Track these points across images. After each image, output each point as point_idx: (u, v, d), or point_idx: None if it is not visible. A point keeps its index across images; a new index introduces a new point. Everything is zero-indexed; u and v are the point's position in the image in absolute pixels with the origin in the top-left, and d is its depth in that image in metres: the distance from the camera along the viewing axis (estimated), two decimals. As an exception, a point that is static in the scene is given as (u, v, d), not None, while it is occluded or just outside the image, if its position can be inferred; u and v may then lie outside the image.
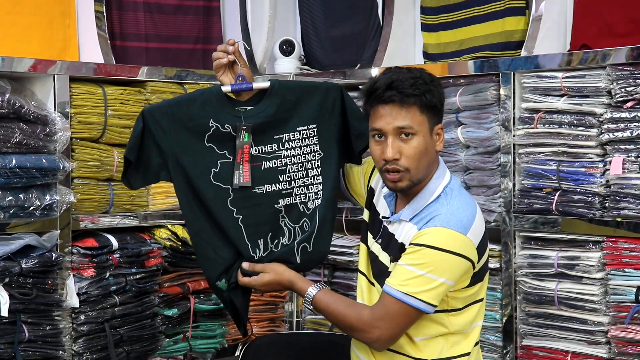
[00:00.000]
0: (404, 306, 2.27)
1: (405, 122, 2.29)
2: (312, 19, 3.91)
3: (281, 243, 2.52)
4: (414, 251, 2.28)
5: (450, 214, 2.30)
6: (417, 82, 2.30)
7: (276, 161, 2.50)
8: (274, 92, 2.50)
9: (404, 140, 2.30)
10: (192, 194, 2.48)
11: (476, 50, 3.30)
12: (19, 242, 2.79)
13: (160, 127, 2.45)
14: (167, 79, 3.23)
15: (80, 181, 3.01)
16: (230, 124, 2.47)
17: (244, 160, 2.46)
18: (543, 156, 2.93)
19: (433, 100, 2.32)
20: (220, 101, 2.47)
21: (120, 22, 3.46)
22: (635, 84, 2.70)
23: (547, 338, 2.93)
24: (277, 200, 2.51)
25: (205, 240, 2.50)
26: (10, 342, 2.75)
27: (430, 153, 2.36)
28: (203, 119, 2.46)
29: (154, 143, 2.46)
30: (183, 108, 2.47)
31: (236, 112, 2.48)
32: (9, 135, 2.78)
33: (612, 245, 2.77)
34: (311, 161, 2.53)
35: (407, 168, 2.31)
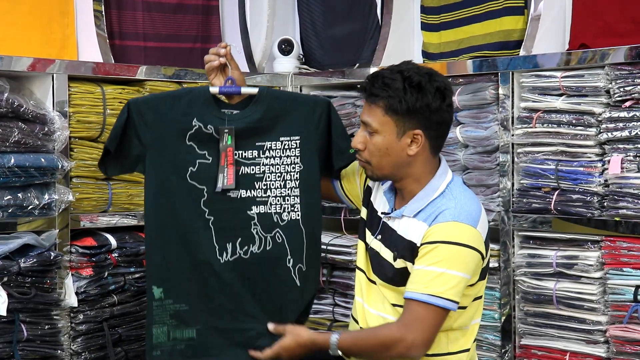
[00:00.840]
0: (431, 308, 2.28)
1: (368, 118, 2.38)
2: (311, 18, 3.91)
3: (250, 251, 2.51)
4: (430, 250, 2.30)
5: (460, 208, 2.34)
6: (392, 84, 2.31)
7: (255, 168, 2.51)
8: (262, 99, 2.50)
9: (369, 135, 2.38)
10: (162, 190, 2.47)
11: (475, 50, 3.30)
12: (18, 241, 2.79)
13: (143, 119, 2.45)
14: (165, 78, 3.23)
15: (78, 180, 3.01)
16: (213, 125, 2.47)
17: (228, 163, 2.47)
18: (542, 155, 2.93)
19: (399, 107, 2.31)
20: (207, 102, 2.48)
21: (119, 21, 3.46)
22: (633, 83, 2.70)
23: (546, 337, 2.93)
24: (250, 206, 2.51)
25: (159, 241, 2.47)
26: (9, 341, 2.75)
27: (396, 154, 2.37)
28: (187, 117, 2.46)
29: (136, 135, 2.46)
30: (169, 104, 2.47)
31: (221, 115, 2.48)
32: (8, 134, 2.78)
33: (610, 244, 2.77)
34: (290, 172, 2.53)
35: (368, 161, 2.39)
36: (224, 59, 2.55)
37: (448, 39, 3.44)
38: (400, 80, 2.32)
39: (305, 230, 2.55)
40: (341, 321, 3.40)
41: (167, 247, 2.47)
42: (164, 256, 2.47)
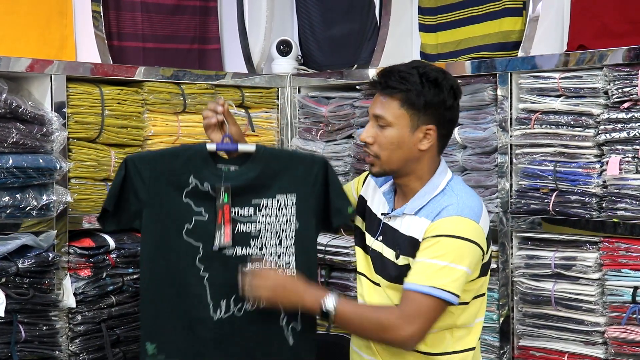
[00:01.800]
0: (432, 300, 2.28)
1: (381, 111, 2.37)
2: (309, 19, 3.91)
3: (245, 308, 2.49)
4: (433, 244, 2.31)
5: (462, 203, 2.35)
6: (410, 78, 2.34)
7: (250, 225, 2.50)
8: (259, 157, 2.51)
9: (380, 128, 2.38)
10: (157, 247, 2.47)
11: (473, 51, 3.30)
12: (16, 242, 2.78)
13: (140, 177, 2.46)
14: (164, 79, 3.23)
15: (77, 181, 3.01)
16: (210, 182, 2.47)
17: (225, 221, 2.46)
18: (540, 157, 2.93)
19: (418, 100, 2.34)
20: (204, 159, 2.48)
21: (118, 22, 3.46)
22: (632, 84, 2.70)
23: (544, 338, 2.93)
24: (245, 263, 2.49)
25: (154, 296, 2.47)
26: (7, 342, 2.74)
27: (408, 149, 2.39)
28: (184, 175, 2.47)
29: (133, 191, 2.47)
30: (166, 161, 2.49)
31: (217, 172, 2.49)
32: (6, 135, 2.77)
33: (609, 245, 2.77)
34: (286, 230, 2.53)
35: (377, 155, 2.39)
36: (222, 116, 2.55)
37: (445, 40, 3.45)
38: (417, 75, 2.35)
39: None
40: (339, 322, 3.40)
41: (162, 303, 2.47)
42: (158, 311, 2.47)
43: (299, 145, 3.59)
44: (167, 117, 3.25)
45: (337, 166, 3.46)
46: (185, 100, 3.28)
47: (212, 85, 3.37)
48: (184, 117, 3.29)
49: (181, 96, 3.27)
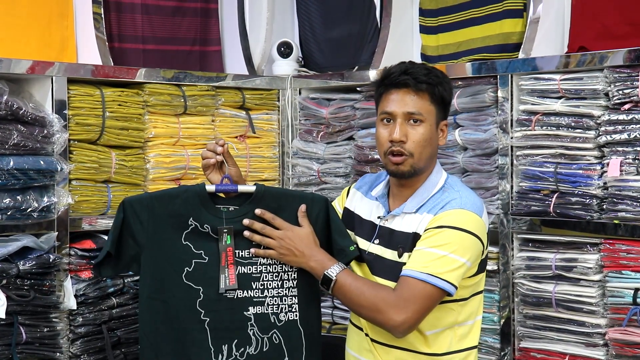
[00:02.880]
0: (429, 287, 2.28)
1: (415, 108, 2.37)
2: (310, 21, 3.92)
3: (247, 352, 2.45)
4: (435, 234, 2.32)
5: (465, 198, 2.38)
6: (430, 74, 2.39)
7: (252, 267, 2.47)
8: (258, 197, 2.47)
9: (412, 125, 2.38)
10: (157, 291, 2.43)
11: (474, 53, 3.30)
12: (17, 244, 2.79)
13: (139, 219, 2.44)
14: (164, 80, 3.23)
15: (78, 183, 3.01)
16: (210, 224, 2.45)
17: (229, 264, 2.44)
18: (541, 158, 2.93)
19: (444, 94, 2.41)
20: (203, 200, 2.46)
21: (118, 24, 3.46)
22: (632, 86, 2.70)
23: (545, 340, 2.93)
24: (247, 307, 2.46)
25: (153, 341, 2.44)
26: (8, 343, 2.74)
27: (434, 145, 2.44)
28: (183, 217, 2.44)
29: (131, 235, 2.44)
30: (164, 203, 2.45)
31: (218, 213, 2.46)
32: (7, 136, 2.78)
33: (609, 247, 2.77)
34: (288, 272, 2.49)
35: (412, 152, 2.38)
36: (221, 156, 2.54)
37: (446, 42, 3.45)
38: (432, 70, 2.41)
39: (304, 331, 2.49)
40: (340, 324, 3.40)
41: (161, 348, 2.44)
42: (157, 357, 2.44)
43: (300, 146, 3.59)
44: (168, 119, 3.25)
45: (338, 168, 3.46)
46: (186, 102, 3.28)
47: (212, 87, 3.37)
48: (184, 119, 3.29)
49: (182, 98, 3.27)
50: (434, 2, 3.48)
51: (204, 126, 3.35)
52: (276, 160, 3.62)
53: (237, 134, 3.48)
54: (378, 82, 2.49)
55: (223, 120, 3.42)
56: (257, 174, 3.55)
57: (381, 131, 2.43)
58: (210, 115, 3.37)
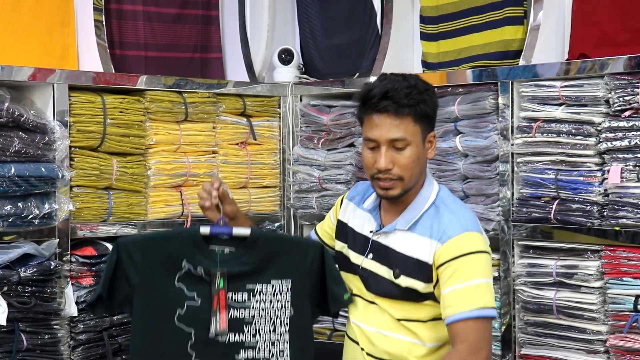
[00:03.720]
0: (485, 321, 2.29)
1: (399, 134, 2.32)
2: (310, 28, 3.92)
3: None
4: (457, 267, 2.30)
5: (463, 219, 2.37)
6: (412, 92, 2.33)
7: (244, 311, 2.45)
8: (253, 241, 2.46)
9: (398, 150, 2.34)
10: (148, 333, 2.43)
11: (474, 60, 3.31)
12: (18, 251, 2.79)
13: (132, 261, 2.44)
14: (166, 87, 3.24)
15: (79, 190, 3.01)
16: (203, 267, 2.44)
17: (220, 307, 2.41)
18: (541, 165, 2.93)
19: (427, 110, 2.35)
20: (197, 242, 2.45)
21: (120, 31, 3.47)
22: (633, 93, 2.70)
23: (546, 347, 2.92)
24: (238, 350, 2.45)
25: None
26: (9, 350, 2.74)
27: (423, 161, 2.41)
28: (177, 259, 2.44)
29: (124, 276, 2.45)
30: (158, 245, 2.45)
31: (211, 255, 2.45)
32: (8, 144, 2.78)
33: (610, 254, 2.76)
34: (280, 317, 2.47)
35: (401, 176, 2.35)
36: (216, 199, 2.52)
37: (447, 49, 3.45)
38: (413, 87, 2.34)
39: None
40: (341, 330, 3.40)
41: None
42: None
43: (301, 153, 3.59)
44: (169, 126, 3.26)
45: (339, 174, 3.46)
46: (187, 109, 3.28)
47: (213, 93, 3.38)
48: (185, 126, 3.30)
49: (183, 105, 3.28)
50: (435, 9, 3.48)
51: (205, 133, 3.35)
52: (277, 167, 3.63)
53: (238, 140, 3.48)
54: (360, 104, 2.41)
55: (224, 127, 3.42)
56: (258, 180, 3.55)
57: (366, 155, 2.40)
58: (211, 122, 3.38)
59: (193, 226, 2.52)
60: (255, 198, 3.53)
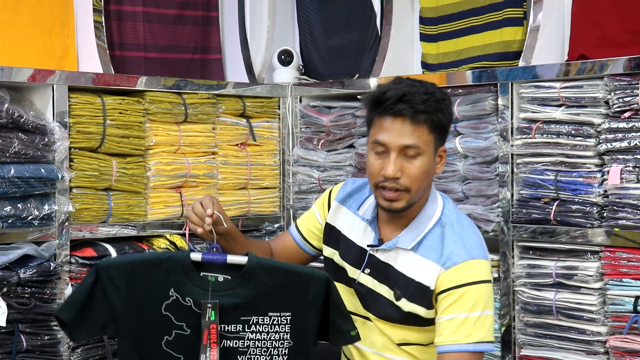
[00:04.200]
0: (478, 355, 2.20)
1: (412, 140, 2.18)
2: (310, 29, 3.92)
3: None
4: (459, 296, 2.20)
5: (468, 244, 2.26)
6: (429, 99, 2.19)
7: (238, 342, 2.24)
8: (250, 270, 2.24)
9: (408, 158, 2.20)
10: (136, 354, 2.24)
11: (474, 61, 3.31)
12: (17, 252, 2.79)
13: (114, 285, 2.22)
14: (165, 88, 3.24)
15: (78, 191, 3.01)
16: (193, 297, 2.22)
17: (211, 342, 2.19)
18: (541, 166, 2.93)
19: (443, 121, 2.23)
20: (186, 270, 2.23)
21: (119, 32, 3.47)
22: (632, 94, 2.70)
23: (546, 348, 2.92)
24: None
25: None
26: (8, 352, 2.74)
27: (431, 175, 2.27)
28: (163, 287, 2.23)
29: (106, 299, 2.22)
30: (143, 271, 2.24)
31: (203, 284, 2.23)
32: (8, 145, 2.78)
33: (610, 255, 2.76)
34: (278, 348, 2.26)
35: (408, 188, 2.21)
36: (209, 227, 2.29)
37: (446, 50, 3.45)
38: (432, 94, 2.20)
39: None
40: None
41: None
42: None
43: (300, 154, 3.59)
44: (169, 127, 3.26)
45: (339, 175, 3.46)
46: (187, 110, 3.28)
47: (213, 94, 3.38)
48: (185, 127, 3.30)
49: (183, 106, 3.28)
50: (434, 10, 3.48)
51: (205, 134, 3.36)
52: (277, 168, 3.63)
53: (237, 141, 3.48)
54: (371, 105, 2.25)
55: (224, 128, 3.42)
56: (258, 181, 3.55)
57: (372, 161, 2.23)
58: (211, 123, 3.38)
59: (182, 251, 2.29)
60: (255, 199, 3.53)
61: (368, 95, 2.30)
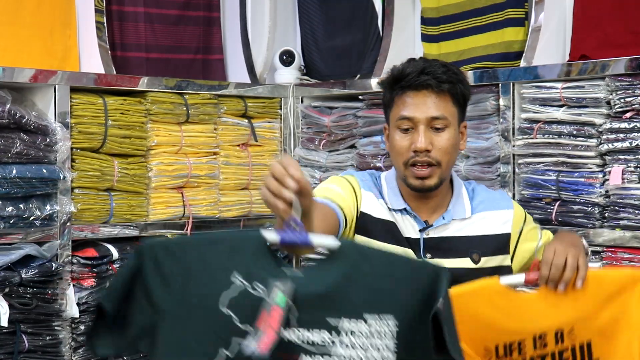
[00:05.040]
0: None
1: (439, 111, 2.15)
2: (312, 30, 3.92)
3: None
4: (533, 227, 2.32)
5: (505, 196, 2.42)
6: (448, 71, 2.18)
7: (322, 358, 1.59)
8: (343, 255, 1.62)
9: (436, 131, 2.17)
10: None
11: (476, 61, 3.31)
12: (19, 252, 2.79)
13: (159, 271, 1.62)
14: (167, 89, 3.24)
15: (80, 191, 3.01)
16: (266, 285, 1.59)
17: (267, 326, 1.55)
18: (542, 166, 2.93)
19: (465, 92, 2.21)
20: (258, 251, 1.62)
21: (121, 33, 3.47)
22: (634, 94, 2.70)
23: (547, 348, 2.92)
24: None
25: None
26: (10, 352, 2.75)
27: (457, 150, 2.24)
28: (225, 272, 1.60)
29: (145, 294, 1.63)
30: (199, 251, 1.63)
31: (279, 273, 1.60)
32: (10, 145, 2.78)
33: (611, 255, 2.76)
34: None
35: (439, 161, 2.16)
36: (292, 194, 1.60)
37: (448, 50, 3.45)
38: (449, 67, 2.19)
39: None
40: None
41: None
42: None
43: (302, 155, 3.59)
44: (170, 127, 3.26)
45: (340, 176, 3.46)
46: (189, 110, 3.28)
47: (215, 95, 3.38)
48: (187, 127, 3.30)
49: (184, 106, 3.28)
50: (436, 10, 3.48)
51: (206, 134, 3.36)
52: (278, 169, 3.62)
53: (239, 142, 3.48)
54: (390, 84, 2.20)
55: (225, 129, 3.43)
56: (260, 182, 3.55)
57: (398, 140, 2.16)
58: (212, 123, 3.38)
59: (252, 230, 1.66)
60: (257, 199, 3.53)
61: (385, 77, 2.27)
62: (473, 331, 1.91)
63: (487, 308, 1.95)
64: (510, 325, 1.96)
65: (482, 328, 1.94)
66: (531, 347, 1.94)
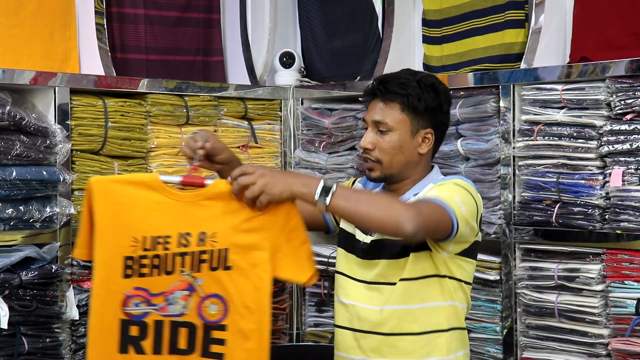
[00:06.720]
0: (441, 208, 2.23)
1: (381, 117, 2.39)
2: (312, 31, 3.92)
3: None
4: (436, 187, 2.33)
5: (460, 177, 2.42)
6: (409, 83, 2.38)
7: None
8: None
9: (381, 134, 2.39)
10: None
11: (476, 63, 3.31)
12: (19, 254, 2.79)
13: None
14: (167, 90, 3.24)
15: (80, 193, 3.01)
16: None
17: None
18: (543, 168, 2.93)
19: (416, 104, 2.38)
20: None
21: (121, 35, 3.47)
22: (634, 96, 2.70)
23: (548, 350, 2.92)
24: None
25: None
26: (10, 354, 2.75)
27: (409, 153, 2.40)
28: None
29: None
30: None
31: None
32: (10, 147, 2.78)
33: (612, 257, 2.76)
34: None
35: (379, 160, 2.39)
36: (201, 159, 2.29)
37: (450, 52, 3.45)
38: (415, 80, 2.39)
39: None
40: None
41: None
42: None
43: (302, 157, 3.59)
44: (171, 129, 3.26)
45: (340, 178, 3.46)
46: (189, 112, 3.28)
47: (215, 97, 3.38)
48: (187, 129, 3.30)
49: (184, 108, 3.28)
50: (438, 12, 3.49)
51: (207, 136, 3.35)
52: (278, 170, 3.63)
53: (239, 144, 3.48)
54: None
55: (225, 131, 3.42)
56: (260, 184, 3.55)
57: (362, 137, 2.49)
58: (212, 125, 3.38)
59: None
60: (257, 201, 3.53)
61: None
62: (127, 219, 2.11)
63: (142, 201, 2.13)
64: (161, 220, 2.12)
65: (135, 218, 2.12)
66: (175, 244, 2.10)
